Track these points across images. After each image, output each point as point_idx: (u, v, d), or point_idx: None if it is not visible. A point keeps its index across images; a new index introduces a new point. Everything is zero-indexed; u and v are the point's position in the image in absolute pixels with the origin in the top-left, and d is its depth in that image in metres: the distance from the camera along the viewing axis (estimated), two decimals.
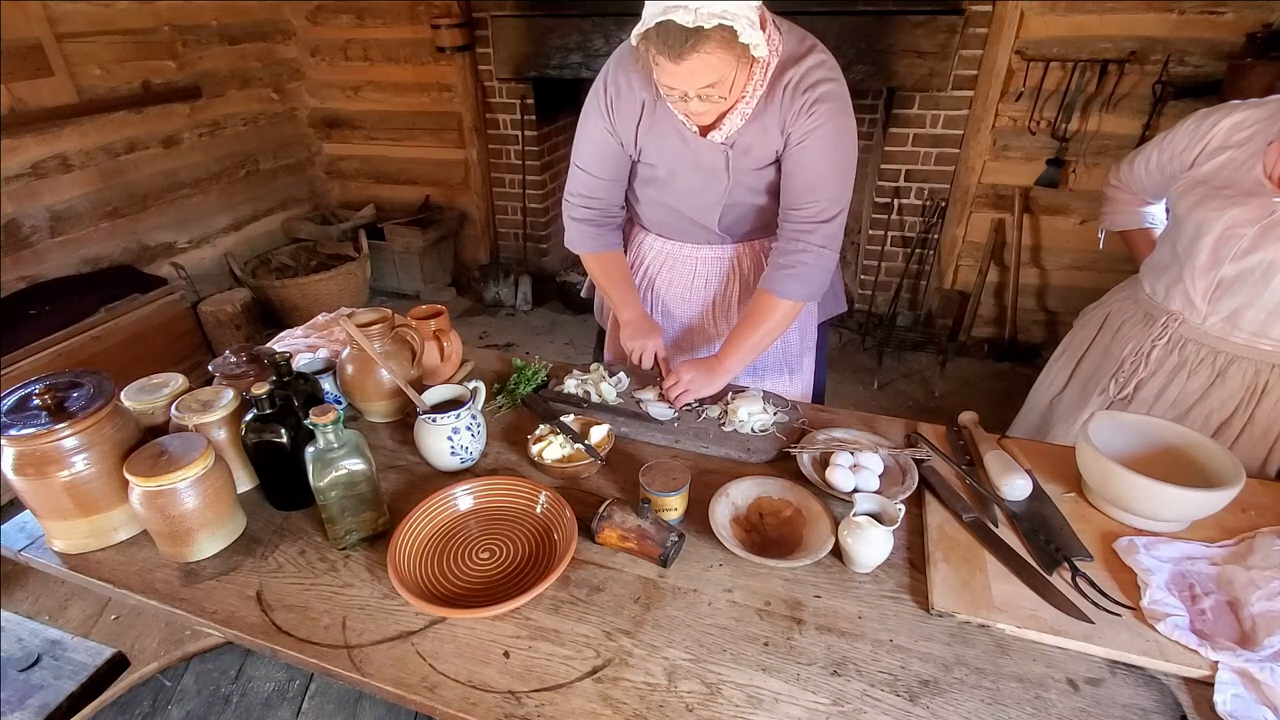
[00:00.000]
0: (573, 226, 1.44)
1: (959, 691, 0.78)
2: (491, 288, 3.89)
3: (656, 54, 1.03)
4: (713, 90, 1.07)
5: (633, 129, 1.28)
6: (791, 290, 1.29)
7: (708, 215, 1.36)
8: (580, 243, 1.45)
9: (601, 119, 1.29)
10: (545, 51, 3.24)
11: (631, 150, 1.32)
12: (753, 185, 1.30)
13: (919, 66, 2.78)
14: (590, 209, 1.41)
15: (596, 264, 1.48)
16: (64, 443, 0.92)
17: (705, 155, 1.26)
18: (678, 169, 1.30)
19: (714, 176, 1.28)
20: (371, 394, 1.24)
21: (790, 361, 1.54)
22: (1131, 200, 1.48)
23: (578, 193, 1.40)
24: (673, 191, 1.36)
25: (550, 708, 0.78)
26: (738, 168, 1.26)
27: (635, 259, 1.57)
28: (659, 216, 1.45)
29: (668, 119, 1.24)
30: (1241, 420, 1.25)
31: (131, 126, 3.02)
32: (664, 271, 1.53)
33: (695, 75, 1.04)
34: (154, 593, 0.95)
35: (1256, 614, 0.82)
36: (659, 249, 1.52)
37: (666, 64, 1.03)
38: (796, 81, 1.16)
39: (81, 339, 2.56)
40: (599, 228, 1.43)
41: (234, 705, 1.18)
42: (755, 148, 1.23)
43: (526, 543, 1.01)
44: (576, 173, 1.39)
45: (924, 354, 3.36)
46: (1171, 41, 2.60)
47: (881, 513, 0.94)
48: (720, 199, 1.31)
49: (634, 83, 1.24)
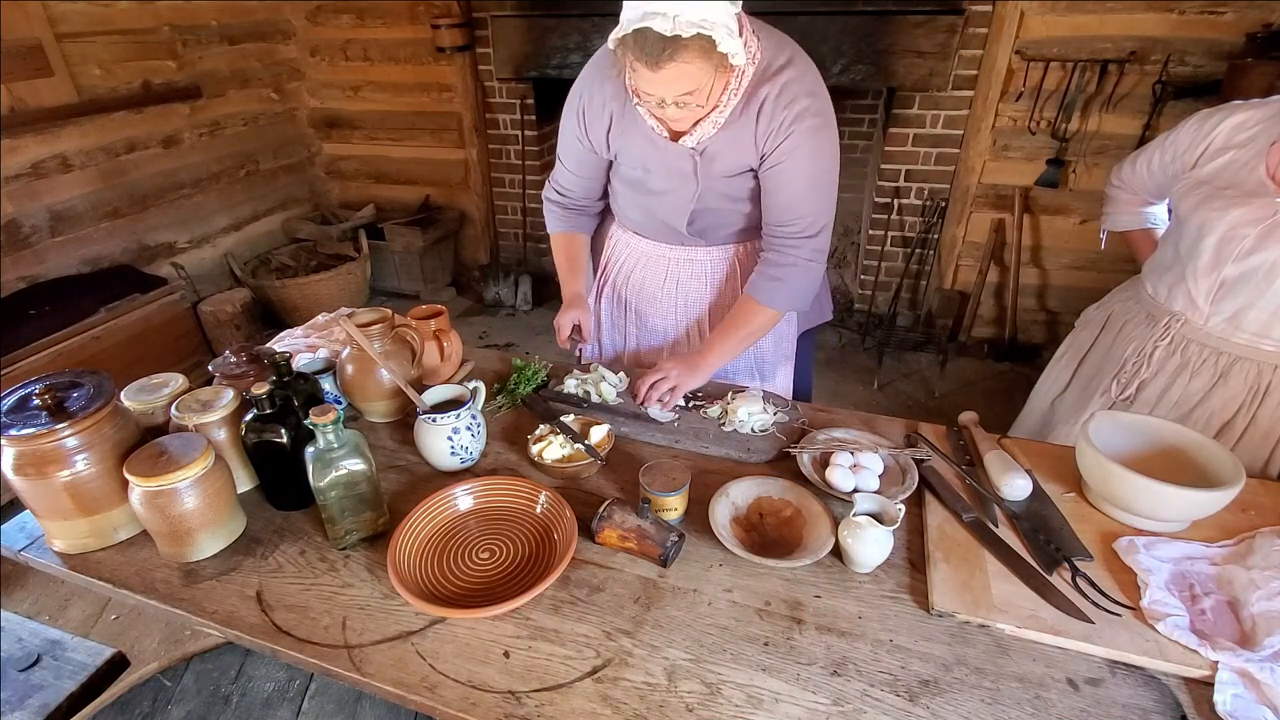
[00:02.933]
0: (548, 208, 1.54)
1: (959, 691, 0.78)
2: (491, 288, 3.89)
3: (634, 60, 1.02)
4: (690, 98, 1.07)
5: (603, 135, 1.31)
6: (778, 300, 1.31)
7: (677, 218, 1.36)
8: (551, 222, 1.55)
9: (575, 123, 1.33)
10: (545, 51, 3.24)
11: (605, 154, 1.35)
12: (724, 191, 1.30)
13: (919, 66, 2.78)
14: (564, 196, 1.49)
15: (557, 242, 1.55)
16: (64, 443, 0.92)
17: (674, 160, 1.26)
18: (652, 170, 1.31)
19: (684, 180, 1.29)
20: (371, 394, 1.24)
21: (763, 368, 1.54)
22: (1133, 200, 1.48)
23: (557, 181, 1.48)
24: (647, 192, 1.37)
25: (550, 708, 0.78)
26: (706, 174, 1.26)
27: (609, 255, 1.59)
28: (635, 215, 1.47)
29: (636, 124, 1.25)
30: (1243, 421, 1.25)
31: (131, 126, 3.02)
32: (637, 269, 1.53)
33: (673, 84, 1.04)
34: (154, 593, 0.95)
35: (1256, 614, 0.82)
36: (634, 247, 1.53)
37: (644, 71, 1.03)
38: (774, 98, 1.15)
39: (81, 339, 2.56)
40: (568, 210, 1.51)
41: (234, 705, 1.19)
42: (724, 156, 1.23)
43: (526, 543, 1.01)
44: (558, 164, 1.46)
45: (924, 354, 3.36)
46: (1171, 41, 2.60)
47: (881, 513, 0.94)
48: (689, 203, 1.32)
49: (605, 91, 1.25)
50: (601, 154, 1.35)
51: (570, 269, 1.52)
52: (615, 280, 1.58)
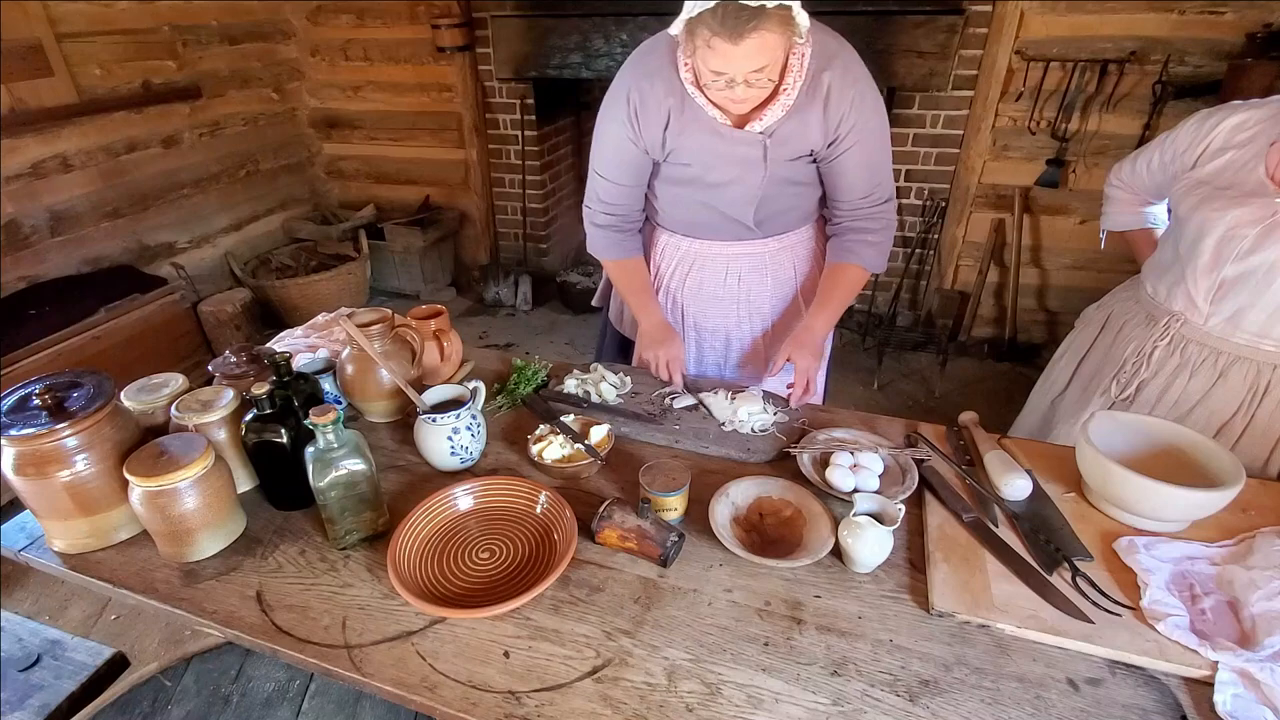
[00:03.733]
0: (595, 233, 1.46)
1: (959, 691, 0.78)
2: (491, 288, 3.89)
3: (712, 36, 1.03)
4: (761, 74, 1.08)
5: (659, 134, 1.28)
6: (878, 262, 1.39)
7: (743, 209, 1.36)
8: (603, 249, 1.47)
9: (623, 127, 1.29)
10: (545, 51, 3.24)
11: (658, 155, 1.33)
12: (787, 176, 1.32)
13: (919, 66, 2.78)
14: (612, 215, 1.43)
15: (619, 271, 1.50)
16: (64, 443, 0.92)
17: (741, 147, 1.26)
18: (712, 164, 1.30)
19: (750, 168, 1.29)
20: (371, 394, 1.24)
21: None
22: (1133, 200, 1.48)
23: (599, 199, 1.41)
24: (706, 187, 1.35)
25: (550, 708, 0.78)
26: (774, 158, 1.27)
27: (659, 261, 1.56)
28: (686, 215, 1.45)
29: (697, 117, 1.24)
30: (1243, 421, 1.25)
31: (131, 126, 3.02)
32: (693, 271, 1.51)
33: (750, 57, 1.05)
34: (154, 593, 0.95)
35: (1256, 614, 0.82)
36: (685, 249, 1.50)
37: (723, 45, 1.03)
38: (839, 80, 1.20)
39: (81, 339, 2.56)
40: (621, 233, 1.46)
41: (234, 705, 1.19)
42: (793, 140, 1.25)
43: (526, 543, 1.01)
44: (597, 179, 1.39)
45: (924, 354, 3.36)
46: (1171, 41, 2.60)
47: (881, 513, 0.94)
48: (757, 191, 1.32)
49: (658, 89, 1.24)
50: (654, 155, 1.33)
51: (643, 295, 1.48)
52: (670, 285, 1.56)
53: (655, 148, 1.31)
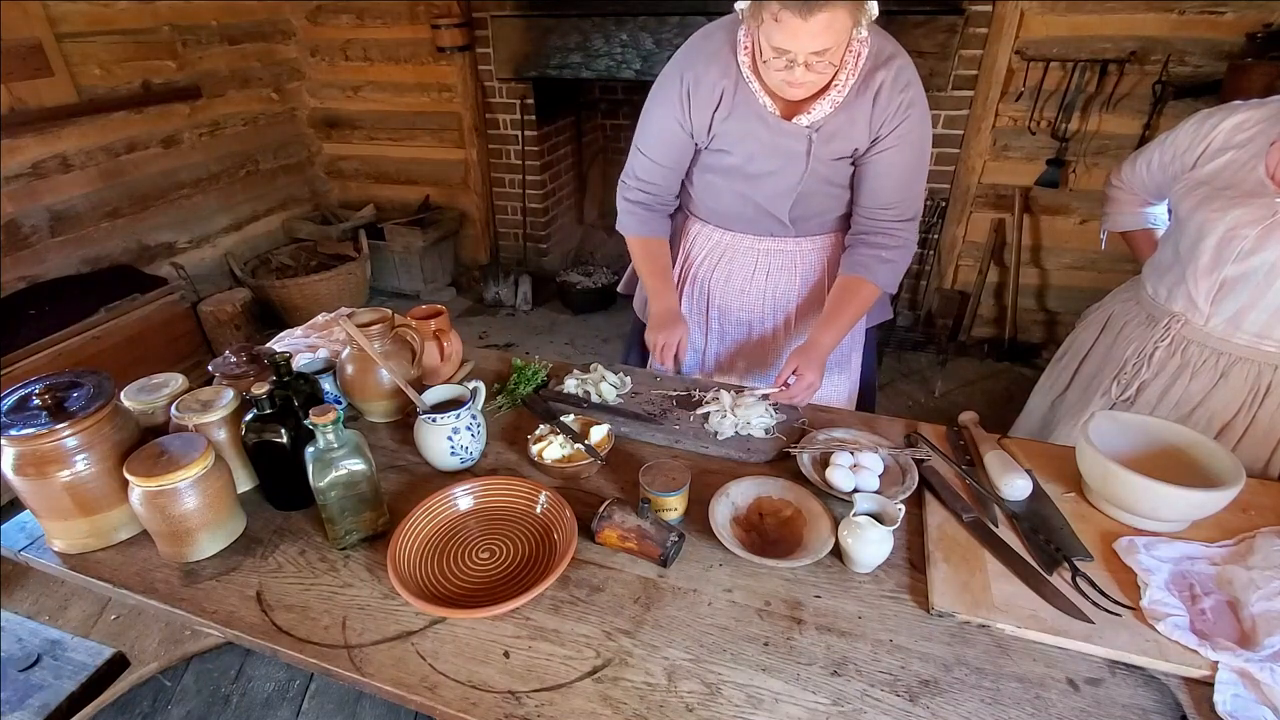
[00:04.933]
0: (625, 208, 1.48)
1: (959, 691, 0.78)
2: (491, 288, 3.89)
3: (780, 11, 1.03)
4: (822, 58, 1.08)
5: (708, 117, 1.29)
6: (885, 277, 1.36)
7: (780, 203, 1.36)
8: (631, 225, 1.49)
9: (673, 108, 1.30)
10: (545, 51, 3.24)
11: (702, 140, 1.34)
12: (827, 175, 1.32)
13: (919, 66, 2.72)
14: (645, 192, 1.44)
15: (642, 249, 1.50)
16: (64, 443, 0.92)
17: (786, 139, 1.26)
18: (755, 153, 1.30)
19: (792, 161, 1.29)
20: (371, 394, 1.24)
21: (840, 359, 1.55)
22: (1133, 201, 1.48)
23: (637, 176, 1.43)
24: (745, 178, 1.35)
25: (550, 708, 0.78)
26: (817, 155, 1.27)
27: (689, 249, 1.56)
28: (722, 206, 1.45)
29: (748, 103, 1.25)
30: (1244, 422, 1.25)
31: (131, 126, 3.02)
32: (721, 263, 1.51)
33: (817, 36, 1.04)
34: (154, 593, 0.95)
35: (1256, 614, 0.82)
36: (716, 240, 1.51)
37: (791, 20, 1.03)
38: (891, 82, 1.20)
39: (81, 339, 2.56)
40: (651, 211, 1.47)
41: (234, 705, 1.19)
42: (839, 138, 1.25)
43: (526, 543, 1.01)
44: (639, 157, 1.41)
45: (924, 354, 3.36)
46: (1171, 41, 2.60)
47: (881, 513, 0.94)
48: (795, 185, 1.32)
49: (713, 71, 1.25)
50: (699, 138, 1.33)
51: (661, 278, 1.48)
52: (698, 274, 1.56)
53: (701, 131, 1.31)
